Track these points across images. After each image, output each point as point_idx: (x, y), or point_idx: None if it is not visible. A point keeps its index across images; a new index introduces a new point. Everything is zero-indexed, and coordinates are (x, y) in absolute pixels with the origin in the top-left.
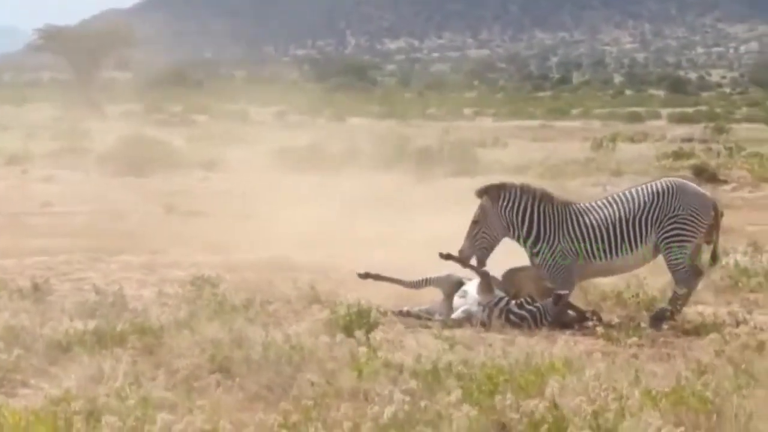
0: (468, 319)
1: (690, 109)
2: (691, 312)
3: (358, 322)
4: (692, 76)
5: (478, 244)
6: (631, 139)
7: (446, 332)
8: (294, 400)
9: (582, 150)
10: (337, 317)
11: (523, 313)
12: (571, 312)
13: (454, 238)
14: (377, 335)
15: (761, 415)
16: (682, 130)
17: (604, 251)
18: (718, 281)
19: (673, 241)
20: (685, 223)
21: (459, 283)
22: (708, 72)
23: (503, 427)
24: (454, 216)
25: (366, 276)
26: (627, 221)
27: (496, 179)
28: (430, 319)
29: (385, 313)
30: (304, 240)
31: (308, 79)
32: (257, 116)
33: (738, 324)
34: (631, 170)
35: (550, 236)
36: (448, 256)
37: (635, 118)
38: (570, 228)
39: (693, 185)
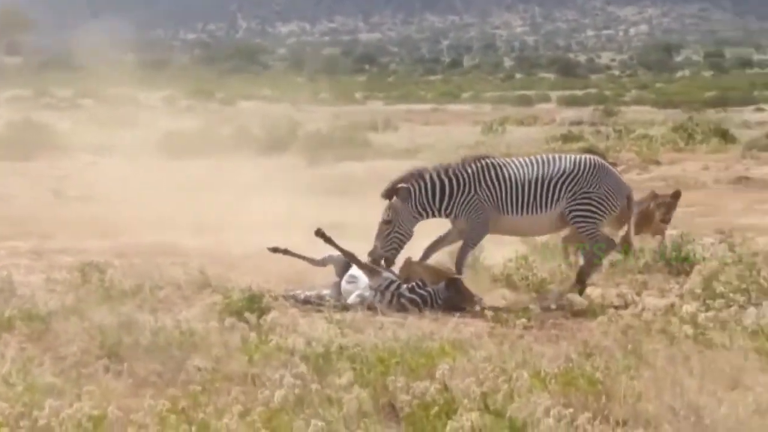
0: (362, 303)
1: (579, 92)
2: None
3: (249, 306)
4: (582, 59)
5: (390, 244)
6: (521, 123)
7: (337, 316)
8: (183, 385)
9: (472, 133)
10: (228, 302)
11: (415, 297)
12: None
13: (346, 221)
14: (268, 319)
15: (649, 396)
16: (571, 113)
17: (516, 207)
18: (606, 263)
19: (581, 217)
20: (597, 202)
21: (347, 265)
22: (598, 55)
23: (394, 409)
24: (345, 200)
25: (275, 250)
26: (541, 182)
27: (388, 165)
28: (321, 304)
29: (276, 298)
30: (194, 224)
31: (198, 62)
32: (147, 100)
33: (626, 305)
34: (521, 153)
35: (465, 191)
36: (320, 234)
37: (525, 101)
38: (486, 179)
39: (615, 170)
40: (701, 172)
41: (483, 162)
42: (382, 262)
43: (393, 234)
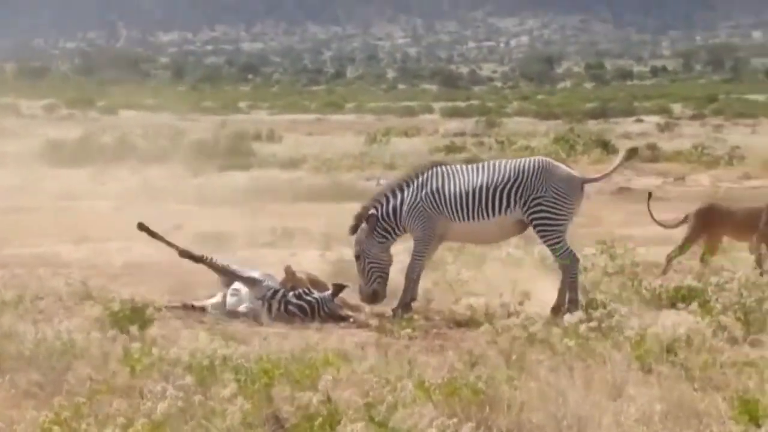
0: (254, 316)
1: (462, 104)
2: (463, 304)
3: (131, 318)
4: (464, 70)
5: (371, 277)
6: (405, 133)
7: (221, 327)
8: (66, 396)
9: (356, 144)
10: (110, 313)
11: (303, 303)
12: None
13: (231, 231)
14: (152, 331)
15: (532, 406)
16: (454, 124)
17: (463, 213)
18: (489, 273)
19: (543, 224)
20: (551, 205)
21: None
22: (479, 66)
23: (278, 421)
24: (229, 209)
25: (142, 228)
26: (487, 188)
27: (272, 175)
28: (204, 310)
29: (159, 309)
30: (76, 235)
31: (79, 71)
32: (27, 110)
33: (509, 315)
34: (405, 164)
35: (411, 199)
36: (142, 227)
37: (408, 112)
38: (433, 187)
39: (561, 166)
40: None
41: (433, 170)
42: (373, 298)
43: (367, 267)
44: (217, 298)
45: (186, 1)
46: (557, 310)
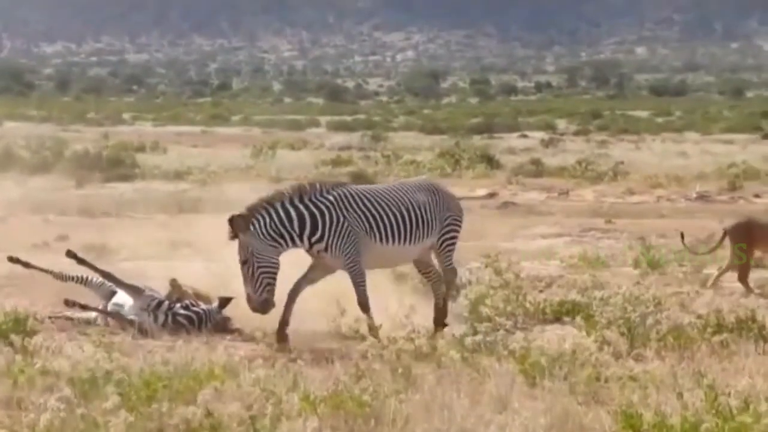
0: (140, 327)
1: (348, 117)
2: (350, 318)
3: (14, 329)
4: (350, 84)
5: (261, 284)
6: (291, 147)
7: (105, 339)
8: None
9: (242, 157)
10: None
11: (190, 314)
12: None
13: (114, 242)
14: (34, 342)
15: (418, 419)
16: (340, 138)
17: (393, 236)
18: (374, 287)
19: (449, 243)
20: (455, 226)
21: (112, 293)
22: (365, 80)
23: None
24: (113, 221)
25: (15, 261)
26: (416, 211)
27: (156, 187)
28: (89, 323)
29: (42, 321)
30: None
31: None
32: None
33: (396, 328)
34: (291, 177)
35: (334, 219)
36: (72, 255)
37: (295, 125)
38: (354, 207)
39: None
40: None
41: (345, 189)
42: (264, 306)
43: (257, 272)
44: (98, 312)
45: (70, 12)
46: (439, 322)
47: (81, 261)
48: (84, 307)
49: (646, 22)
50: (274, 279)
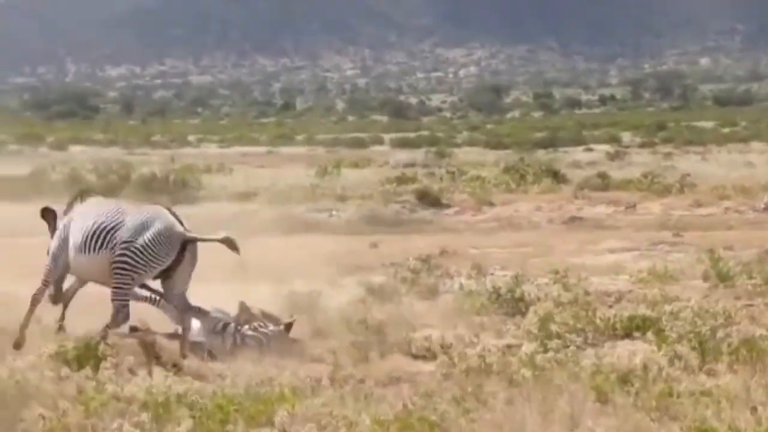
0: (210, 348)
1: (412, 134)
2: (418, 336)
3: (86, 355)
4: (413, 101)
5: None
6: (355, 165)
7: (176, 363)
8: None
9: (307, 176)
10: (63, 350)
11: (258, 336)
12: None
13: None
14: (106, 368)
15: None
16: (404, 155)
17: (76, 246)
18: (443, 304)
19: (119, 269)
20: (135, 254)
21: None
22: (428, 97)
23: None
24: None
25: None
26: (92, 225)
27: (223, 208)
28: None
29: (113, 346)
30: (28, 271)
31: (28, 107)
32: None
33: (465, 347)
34: (355, 195)
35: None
36: None
37: (358, 143)
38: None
39: (166, 217)
40: (534, 212)
41: (83, 198)
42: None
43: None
44: (170, 332)
45: (134, 35)
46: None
47: (143, 285)
48: (143, 332)
49: (708, 33)
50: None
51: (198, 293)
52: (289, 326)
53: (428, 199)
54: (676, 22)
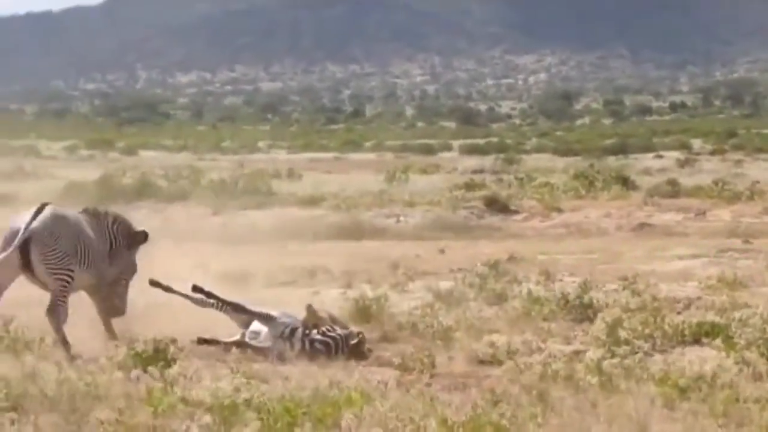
0: (277, 353)
1: (481, 141)
2: (485, 341)
3: (154, 358)
4: (482, 107)
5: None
6: (424, 171)
7: (244, 366)
8: None
9: (376, 182)
10: (133, 353)
11: (327, 340)
12: None
13: (251, 269)
14: (174, 371)
15: None
16: (473, 162)
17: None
18: (511, 310)
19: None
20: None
21: (251, 319)
22: (498, 103)
23: None
24: (250, 248)
25: (156, 285)
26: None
27: (292, 213)
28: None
29: (182, 349)
30: None
31: (99, 113)
32: (48, 151)
33: (532, 353)
34: (423, 201)
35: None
36: (155, 283)
37: (427, 150)
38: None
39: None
40: (603, 219)
41: None
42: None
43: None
44: (237, 338)
45: (204, 42)
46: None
47: (208, 294)
48: (211, 342)
49: None
50: None
51: (266, 297)
52: (356, 343)
53: (496, 205)
54: (747, 29)
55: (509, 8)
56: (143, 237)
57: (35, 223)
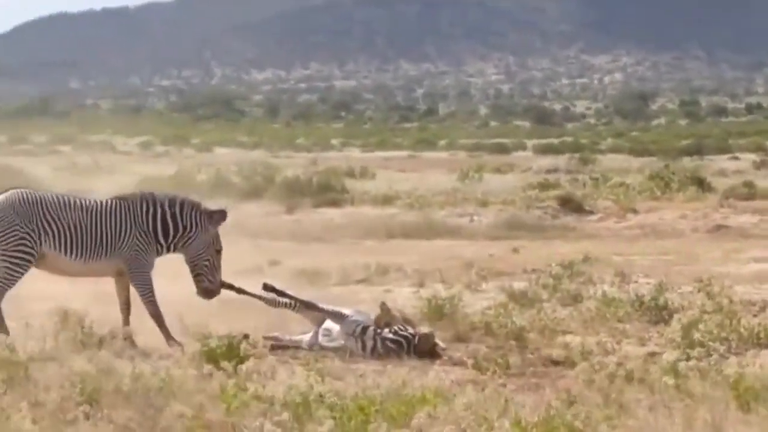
0: (349, 352)
1: (555, 140)
2: (559, 342)
3: (227, 354)
4: (557, 107)
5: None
6: (498, 170)
7: (317, 363)
8: None
9: (449, 181)
10: (206, 349)
11: (399, 339)
12: None
13: (325, 267)
14: (247, 367)
15: None
16: (547, 161)
17: None
18: (585, 311)
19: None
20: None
21: (324, 318)
22: (573, 103)
23: None
24: (324, 246)
25: (228, 287)
26: None
27: (365, 212)
28: (298, 348)
29: (255, 345)
30: (172, 271)
31: (174, 109)
32: (123, 146)
33: (606, 354)
34: (497, 200)
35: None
36: (269, 287)
37: (501, 149)
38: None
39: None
40: (678, 220)
41: None
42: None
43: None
44: (311, 335)
45: (279, 39)
46: None
47: (280, 293)
48: (282, 347)
49: None
50: None
51: (341, 295)
52: (424, 337)
53: (571, 205)
54: None
55: (584, 6)
56: (220, 216)
57: None
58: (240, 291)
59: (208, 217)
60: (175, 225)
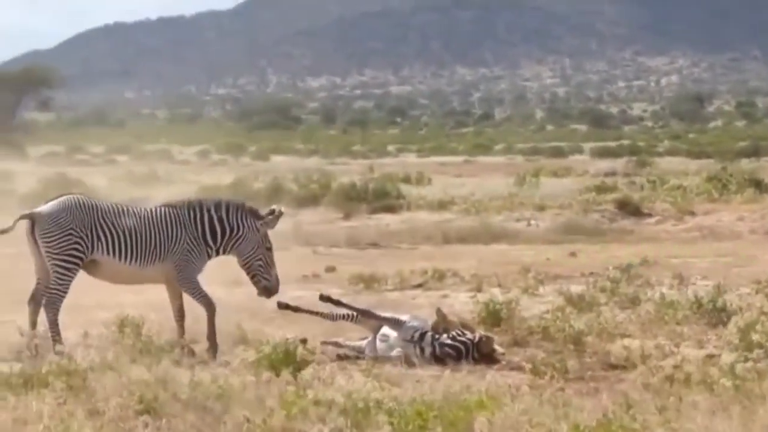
0: (406, 358)
1: (612, 143)
2: (617, 346)
3: (285, 360)
4: (614, 110)
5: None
6: (555, 174)
7: (375, 369)
8: None
9: (506, 185)
10: (264, 356)
11: (457, 344)
12: None
13: (382, 273)
14: (306, 373)
15: None
16: (604, 164)
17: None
18: (643, 314)
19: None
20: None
21: (380, 325)
22: (629, 106)
23: None
24: (380, 252)
25: (285, 307)
26: None
27: (422, 217)
28: (359, 357)
29: (313, 351)
30: (230, 278)
31: (230, 118)
32: (180, 155)
33: (665, 357)
34: (554, 204)
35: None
36: (326, 298)
37: (558, 152)
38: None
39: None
40: (736, 222)
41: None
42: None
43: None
44: (369, 340)
45: (334, 46)
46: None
47: (337, 303)
48: (346, 357)
49: None
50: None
51: (398, 301)
52: (485, 340)
53: (628, 208)
54: None
55: (640, 9)
56: (274, 216)
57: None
58: (297, 310)
59: (255, 216)
60: (222, 228)
